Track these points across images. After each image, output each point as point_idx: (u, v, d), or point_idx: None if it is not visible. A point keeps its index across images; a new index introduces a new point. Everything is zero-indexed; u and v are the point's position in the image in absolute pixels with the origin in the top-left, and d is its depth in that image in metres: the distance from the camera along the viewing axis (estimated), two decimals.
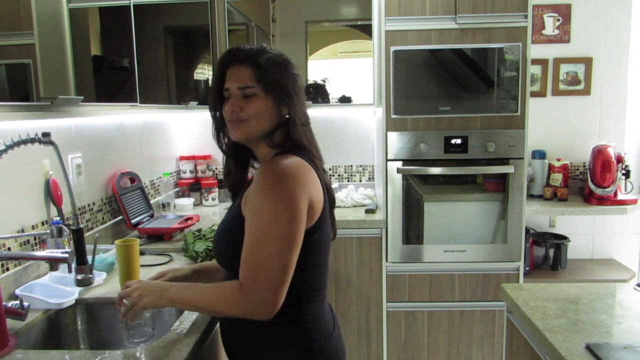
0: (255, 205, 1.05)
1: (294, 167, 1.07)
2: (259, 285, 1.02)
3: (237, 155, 1.24)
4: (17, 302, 1.21)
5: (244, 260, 1.04)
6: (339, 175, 3.06)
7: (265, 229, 1.03)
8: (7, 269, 1.44)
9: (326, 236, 1.17)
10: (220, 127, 1.21)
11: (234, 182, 1.26)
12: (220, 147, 1.24)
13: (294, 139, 1.14)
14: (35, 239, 1.56)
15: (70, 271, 1.24)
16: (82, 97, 1.53)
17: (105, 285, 1.57)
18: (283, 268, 1.03)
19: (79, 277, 1.23)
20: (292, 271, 1.05)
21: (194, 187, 2.87)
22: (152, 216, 2.27)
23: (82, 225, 1.24)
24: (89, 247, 1.24)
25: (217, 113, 1.20)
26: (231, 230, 1.15)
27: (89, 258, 1.24)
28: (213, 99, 1.19)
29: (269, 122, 1.14)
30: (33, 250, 1.55)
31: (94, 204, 1.94)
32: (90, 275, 1.24)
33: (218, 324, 1.38)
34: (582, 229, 2.97)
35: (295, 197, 1.03)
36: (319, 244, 1.13)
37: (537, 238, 2.83)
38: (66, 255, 1.23)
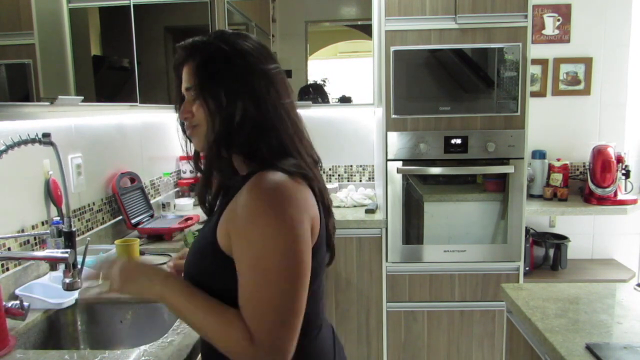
0: (247, 240, 0.85)
1: (287, 185, 0.87)
2: (270, 341, 0.83)
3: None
4: (17, 302, 1.21)
5: (249, 306, 0.84)
6: (339, 175, 3.06)
7: (265, 269, 0.83)
8: (7, 269, 1.44)
9: (322, 260, 0.98)
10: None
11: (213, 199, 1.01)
12: (197, 168, 1.02)
13: (247, 147, 0.93)
14: (35, 239, 1.56)
15: (66, 275, 1.23)
16: (82, 97, 1.52)
17: (105, 285, 1.56)
18: (296, 313, 0.85)
19: (67, 280, 1.23)
20: (303, 311, 0.86)
21: (194, 187, 2.87)
22: (152, 216, 2.27)
23: (74, 229, 1.24)
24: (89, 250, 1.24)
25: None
26: (203, 261, 0.94)
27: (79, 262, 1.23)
28: (177, 105, 1.02)
29: (220, 126, 0.92)
30: (33, 250, 1.54)
31: (94, 204, 1.94)
32: (78, 280, 1.24)
33: None
34: (582, 229, 2.97)
35: (296, 219, 0.85)
36: (314, 270, 0.91)
37: (537, 238, 2.83)
38: (66, 255, 1.23)
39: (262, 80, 0.92)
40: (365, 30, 2.81)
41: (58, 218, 1.62)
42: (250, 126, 0.91)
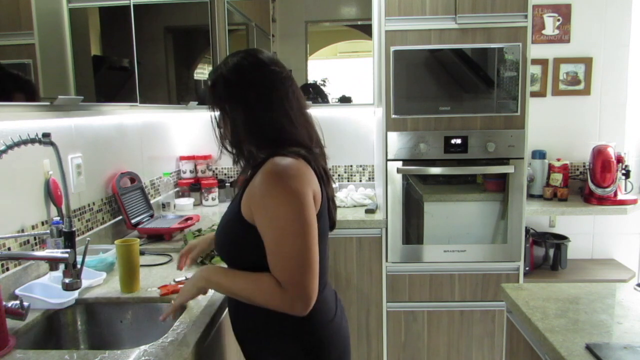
0: (265, 208, 1.09)
1: (292, 166, 1.12)
2: (295, 283, 1.06)
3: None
4: (17, 302, 1.21)
5: (274, 262, 1.09)
6: (339, 175, 3.06)
7: (281, 228, 1.07)
8: (7, 269, 1.44)
9: (324, 226, 1.22)
10: None
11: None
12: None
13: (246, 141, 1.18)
14: (35, 239, 1.56)
15: (66, 275, 1.23)
16: (82, 97, 1.53)
17: (105, 285, 1.57)
18: (311, 260, 1.08)
19: (67, 280, 1.22)
20: (317, 259, 1.10)
21: (194, 187, 2.87)
22: (152, 216, 2.27)
23: (74, 229, 1.24)
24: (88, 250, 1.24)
25: None
26: (230, 229, 1.20)
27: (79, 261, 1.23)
28: None
29: (230, 133, 1.20)
30: (33, 250, 1.54)
31: (94, 204, 1.94)
32: (78, 280, 1.23)
33: (217, 324, 1.38)
34: (582, 229, 2.97)
35: (300, 191, 1.09)
36: (319, 231, 1.16)
37: (537, 238, 2.83)
38: (66, 255, 1.23)
39: (260, 93, 1.17)
40: (365, 30, 2.81)
41: (58, 218, 1.62)
42: (248, 128, 1.17)
